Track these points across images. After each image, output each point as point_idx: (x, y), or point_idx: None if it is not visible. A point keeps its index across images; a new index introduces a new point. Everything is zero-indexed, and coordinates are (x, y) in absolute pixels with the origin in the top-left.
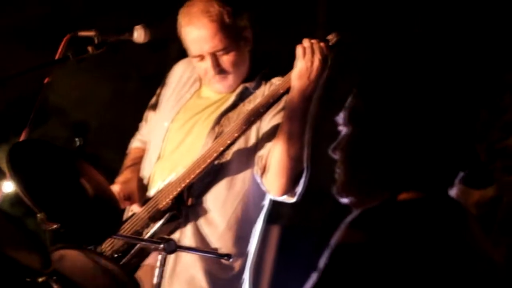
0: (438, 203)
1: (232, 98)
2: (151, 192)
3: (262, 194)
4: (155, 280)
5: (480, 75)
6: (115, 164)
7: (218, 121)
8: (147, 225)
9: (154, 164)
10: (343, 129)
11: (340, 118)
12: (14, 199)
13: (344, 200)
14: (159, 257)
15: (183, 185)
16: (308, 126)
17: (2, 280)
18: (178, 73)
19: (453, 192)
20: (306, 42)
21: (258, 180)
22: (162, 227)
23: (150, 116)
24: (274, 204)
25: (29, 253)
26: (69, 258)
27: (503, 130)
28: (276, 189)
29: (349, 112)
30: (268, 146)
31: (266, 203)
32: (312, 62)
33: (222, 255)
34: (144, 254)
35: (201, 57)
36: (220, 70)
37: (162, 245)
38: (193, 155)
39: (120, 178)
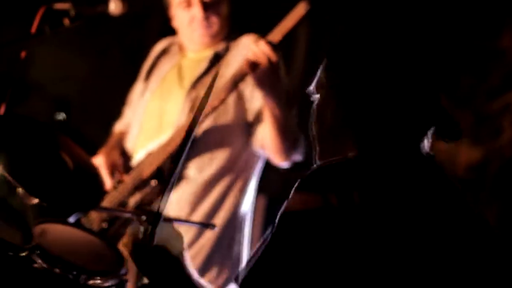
0: (403, 159)
1: (204, 64)
2: (134, 160)
3: (251, 157)
4: None
5: (464, 41)
6: (98, 139)
7: (193, 86)
8: (132, 194)
9: (136, 134)
10: (314, 99)
11: (311, 89)
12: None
13: None
14: (141, 229)
15: (166, 153)
16: (286, 102)
17: None
18: (158, 50)
19: (426, 146)
20: (250, 55)
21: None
22: (147, 195)
23: (133, 97)
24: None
25: (9, 228)
26: (51, 233)
27: (488, 95)
28: (280, 161)
29: (315, 82)
30: (260, 124)
31: (257, 165)
32: (263, 73)
33: (207, 225)
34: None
35: (188, 3)
36: (207, 16)
37: (144, 217)
38: (172, 122)
39: (103, 150)
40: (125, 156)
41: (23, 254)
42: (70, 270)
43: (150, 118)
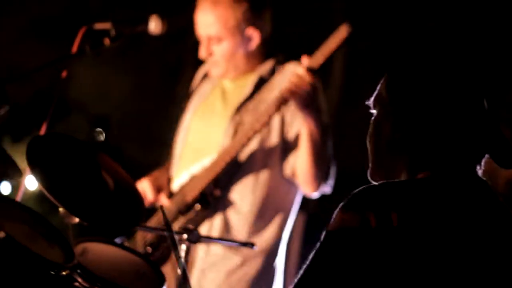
0: (456, 182)
1: (248, 89)
2: (176, 183)
3: (291, 182)
4: (178, 271)
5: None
6: (138, 157)
7: (237, 111)
8: (175, 218)
9: (178, 156)
10: (373, 113)
11: (370, 102)
12: (40, 195)
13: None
14: (183, 247)
15: (209, 177)
16: (324, 127)
17: (26, 274)
18: (203, 72)
19: (480, 172)
20: (290, 84)
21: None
22: (191, 219)
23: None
24: None
25: (51, 247)
26: (92, 251)
27: None
28: (309, 191)
29: (375, 96)
30: (295, 151)
31: (298, 190)
32: (303, 96)
33: (245, 244)
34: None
35: (201, 40)
36: (208, 55)
37: (185, 235)
38: (215, 144)
39: (151, 174)
40: (171, 180)
41: (64, 273)
42: None
43: (192, 140)
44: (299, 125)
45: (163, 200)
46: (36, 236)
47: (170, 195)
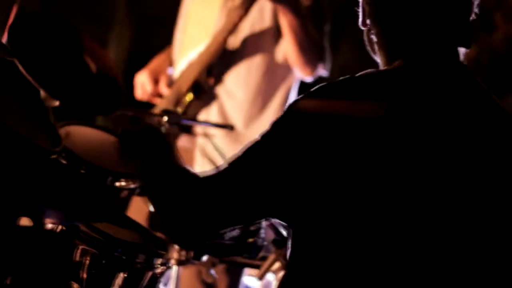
0: (433, 67)
1: None
2: (177, 70)
3: (287, 67)
4: None
5: None
6: None
7: None
8: (174, 107)
9: (179, 43)
10: None
11: None
12: None
13: None
14: (163, 129)
15: (200, 65)
16: (303, 17)
17: (14, 158)
18: None
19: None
20: None
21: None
22: (188, 108)
23: None
24: None
25: (39, 132)
26: (75, 135)
27: None
28: (304, 75)
29: None
30: None
31: (295, 73)
32: None
33: (224, 126)
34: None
35: None
36: None
37: (165, 117)
38: (210, 31)
39: (149, 64)
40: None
41: (52, 157)
42: (96, 172)
43: (191, 26)
44: None
45: (163, 90)
46: (24, 121)
47: (171, 83)
